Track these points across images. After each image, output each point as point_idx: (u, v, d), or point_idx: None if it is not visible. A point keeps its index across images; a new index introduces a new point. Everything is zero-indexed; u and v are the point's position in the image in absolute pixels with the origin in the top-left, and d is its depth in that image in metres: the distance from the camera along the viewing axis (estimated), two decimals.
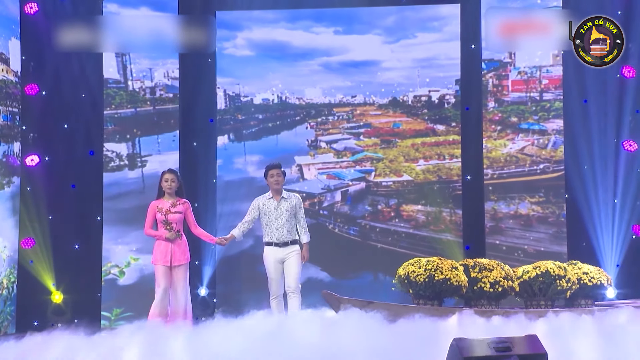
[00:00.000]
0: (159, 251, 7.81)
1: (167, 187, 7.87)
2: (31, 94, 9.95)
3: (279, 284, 7.80)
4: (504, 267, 7.75)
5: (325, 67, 10.50)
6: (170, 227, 7.80)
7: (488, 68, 10.29)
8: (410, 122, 10.48)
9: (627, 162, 9.81)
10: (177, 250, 7.81)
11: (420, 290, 7.56)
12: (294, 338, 6.07)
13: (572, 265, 7.97)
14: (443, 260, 7.64)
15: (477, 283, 7.61)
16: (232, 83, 10.53)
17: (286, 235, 7.85)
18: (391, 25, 10.45)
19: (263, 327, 6.38)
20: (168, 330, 6.67)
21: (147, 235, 8.00)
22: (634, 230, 9.69)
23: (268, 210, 7.90)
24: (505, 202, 10.16)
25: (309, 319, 6.81)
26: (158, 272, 7.77)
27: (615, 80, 9.83)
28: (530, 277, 7.72)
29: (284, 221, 7.84)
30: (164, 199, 7.91)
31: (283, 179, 8.00)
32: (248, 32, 10.51)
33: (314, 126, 10.55)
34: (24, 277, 9.75)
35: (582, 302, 7.81)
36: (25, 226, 9.76)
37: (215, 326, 6.59)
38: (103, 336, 6.65)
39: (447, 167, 10.34)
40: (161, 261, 7.77)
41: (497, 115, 10.27)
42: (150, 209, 7.91)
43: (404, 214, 10.33)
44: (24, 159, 9.87)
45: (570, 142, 10.02)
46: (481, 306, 7.60)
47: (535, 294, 7.74)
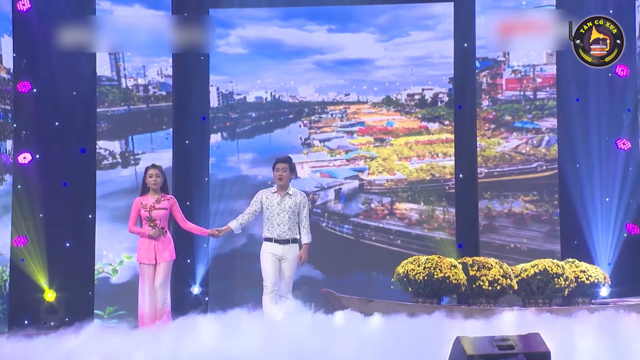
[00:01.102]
0: (142, 249, 7.69)
1: (151, 183, 7.74)
2: (23, 92, 9.91)
3: (275, 279, 7.56)
4: (503, 266, 7.82)
5: (319, 65, 10.51)
6: (154, 224, 7.68)
7: (482, 67, 10.30)
8: (404, 121, 10.50)
9: (621, 161, 9.82)
10: (161, 248, 7.70)
11: (420, 289, 7.60)
12: (289, 338, 6.04)
13: (570, 263, 8.02)
14: (442, 259, 7.69)
15: (476, 281, 7.66)
16: (225, 81, 10.52)
17: (287, 233, 7.60)
18: (385, 24, 10.47)
19: (258, 327, 6.34)
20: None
21: (131, 232, 7.87)
22: (627, 228, 9.72)
23: (270, 205, 7.64)
24: (499, 200, 10.17)
25: (306, 318, 6.75)
26: (142, 270, 7.68)
27: (609, 79, 9.86)
28: (529, 275, 7.79)
29: (285, 218, 7.60)
30: (148, 195, 7.78)
31: (289, 174, 7.71)
32: (241, 30, 10.51)
33: (307, 124, 10.56)
34: (16, 276, 9.71)
35: (579, 301, 7.88)
36: (17, 224, 9.72)
37: (207, 324, 6.51)
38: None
39: (441, 165, 10.35)
40: (145, 259, 7.66)
41: (491, 114, 10.29)
42: (134, 205, 7.80)
43: (397, 213, 10.34)
44: (17, 157, 9.85)
45: (564, 141, 10.04)
46: (480, 304, 7.66)
47: (534, 292, 7.79)
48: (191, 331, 6.40)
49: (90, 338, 6.41)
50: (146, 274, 7.64)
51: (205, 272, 10.00)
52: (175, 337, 6.27)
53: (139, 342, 6.26)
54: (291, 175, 7.75)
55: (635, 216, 9.76)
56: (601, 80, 9.88)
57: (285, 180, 7.66)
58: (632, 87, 9.86)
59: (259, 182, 10.21)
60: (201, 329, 6.42)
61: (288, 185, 7.70)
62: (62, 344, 6.38)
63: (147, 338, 6.41)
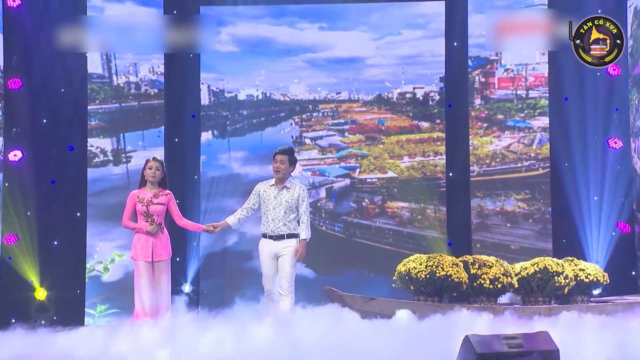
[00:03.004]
0: (139, 245, 7.39)
1: (150, 175, 7.47)
2: (14, 89, 9.89)
3: (272, 281, 7.27)
4: (503, 264, 7.82)
5: (310, 64, 10.53)
6: (152, 219, 7.39)
7: (475, 65, 10.34)
8: (395, 119, 10.53)
9: (612, 160, 9.87)
10: (158, 245, 7.40)
11: (421, 287, 7.57)
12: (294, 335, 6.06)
13: (569, 261, 8.02)
14: (444, 257, 7.68)
15: (477, 280, 7.65)
16: (216, 79, 10.53)
17: (281, 228, 7.25)
18: (376, 22, 10.48)
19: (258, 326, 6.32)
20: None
21: (125, 227, 7.55)
22: (618, 227, 9.77)
23: (267, 198, 7.29)
24: (491, 199, 10.21)
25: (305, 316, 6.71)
26: (139, 267, 7.36)
27: (600, 78, 9.89)
28: (529, 273, 7.78)
29: (281, 212, 7.23)
30: (146, 188, 7.50)
31: (287, 166, 7.29)
32: (232, 27, 10.53)
33: (298, 122, 10.58)
34: (6, 274, 9.70)
35: (578, 299, 7.89)
36: (8, 222, 9.70)
37: (201, 322, 6.52)
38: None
39: (432, 164, 10.40)
40: (142, 256, 7.35)
41: (483, 113, 10.33)
42: (130, 198, 7.49)
43: (388, 211, 10.37)
44: (7, 155, 9.84)
45: (556, 140, 10.07)
46: (480, 302, 7.66)
47: (534, 291, 7.80)
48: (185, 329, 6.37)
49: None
50: (143, 271, 7.34)
51: (196, 271, 10.00)
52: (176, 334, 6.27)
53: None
54: (290, 168, 7.36)
55: (626, 215, 9.79)
56: (593, 79, 9.91)
57: (283, 172, 7.29)
58: (623, 86, 9.91)
59: (250, 180, 10.16)
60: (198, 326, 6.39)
61: (287, 178, 7.34)
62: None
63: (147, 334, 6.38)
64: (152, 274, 7.38)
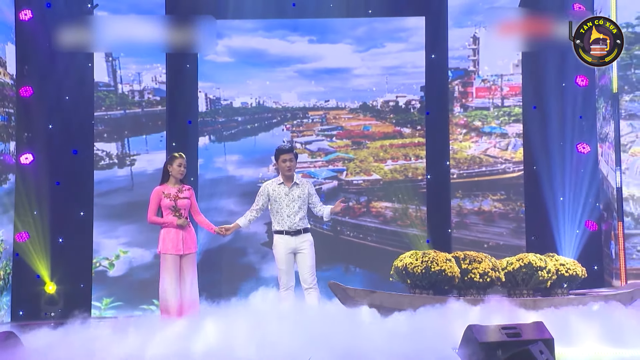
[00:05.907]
0: (168, 239, 7.12)
1: (179, 172, 7.27)
2: (25, 96, 9.95)
3: (290, 276, 7.15)
4: (491, 259, 7.89)
5: (300, 74, 10.63)
6: (179, 213, 7.18)
7: (454, 76, 10.45)
8: (379, 125, 10.70)
9: (580, 163, 10.01)
10: (188, 238, 7.20)
11: (417, 281, 7.62)
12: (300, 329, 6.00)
13: (550, 257, 8.09)
14: (438, 253, 7.74)
15: (468, 274, 7.71)
16: (212, 87, 10.60)
17: (298, 223, 7.17)
18: (361, 36, 10.61)
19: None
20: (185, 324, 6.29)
21: (152, 222, 7.26)
22: (586, 225, 9.98)
23: (279, 197, 7.19)
24: (469, 199, 10.38)
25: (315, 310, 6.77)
26: (167, 261, 7.08)
27: (568, 88, 10.05)
28: (514, 268, 7.87)
29: (296, 208, 7.17)
30: (169, 184, 7.28)
31: (296, 164, 7.28)
32: (228, 39, 10.60)
33: (289, 128, 10.71)
34: (19, 269, 9.76)
35: (558, 291, 7.98)
36: (20, 220, 9.75)
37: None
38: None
39: (413, 167, 10.53)
40: (173, 249, 7.09)
41: (462, 120, 10.47)
42: (154, 194, 7.22)
43: (373, 210, 10.51)
44: (19, 157, 9.92)
45: (529, 145, 10.22)
46: (471, 295, 7.73)
47: (519, 284, 7.88)
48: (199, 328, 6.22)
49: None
50: (171, 265, 7.08)
51: None
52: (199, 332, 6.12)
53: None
54: (296, 164, 7.34)
55: (595, 214, 9.99)
56: (563, 89, 10.08)
57: (294, 170, 7.25)
58: (591, 95, 10.07)
59: (245, 182, 10.31)
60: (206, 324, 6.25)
61: (294, 175, 7.32)
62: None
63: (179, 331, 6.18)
64: (179, 268, 7.16)
